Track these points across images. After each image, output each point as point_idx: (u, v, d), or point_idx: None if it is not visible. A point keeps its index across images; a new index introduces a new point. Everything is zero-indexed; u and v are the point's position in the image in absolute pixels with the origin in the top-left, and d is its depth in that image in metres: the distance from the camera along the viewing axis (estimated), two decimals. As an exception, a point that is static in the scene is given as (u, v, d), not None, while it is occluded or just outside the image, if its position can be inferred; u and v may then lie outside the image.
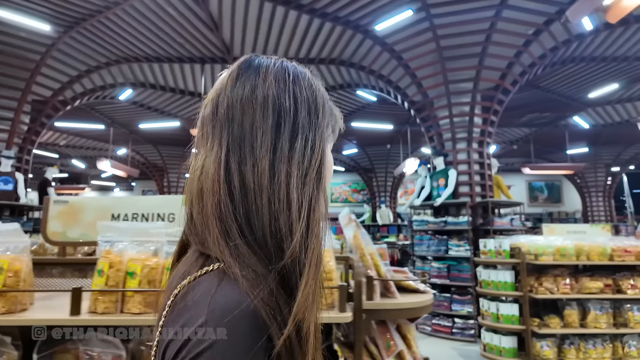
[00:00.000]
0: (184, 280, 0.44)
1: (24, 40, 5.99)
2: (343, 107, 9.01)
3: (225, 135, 0.49)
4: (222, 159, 0.47)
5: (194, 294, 0.42)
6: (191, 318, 0.40)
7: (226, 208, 0.46)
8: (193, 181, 0.49)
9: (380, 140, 11.81)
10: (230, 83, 0.53)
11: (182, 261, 0.50)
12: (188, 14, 5.57)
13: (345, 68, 7.11)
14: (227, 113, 0.50)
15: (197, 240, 0.48)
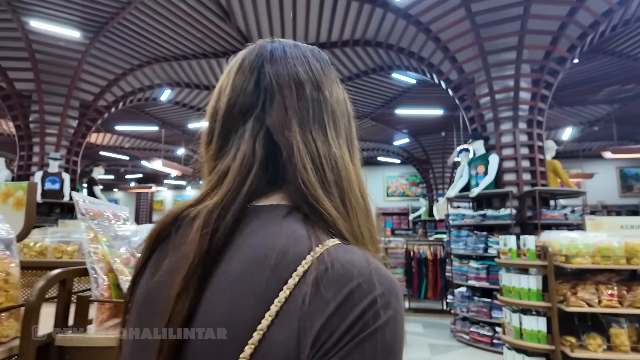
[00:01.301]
0: (314, 246, 0.41)
1: (63, 49, 6.41)
2: (381, 93, 8.39)
3: (339, 130, 0.53)
4: (343, 150, 0.53)
5: (348, 262, 0.40)
6: (358, 286, 0.38)
7: (365, 200, 0.53)
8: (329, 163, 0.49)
9: (434, 128, 10.86)
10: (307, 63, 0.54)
11: (265, 220, 0.46)
12: (197, 6, 5.48)
13: (373, 49, 6.52)
14: (347, 106, 0.58)
15: (325, 207, 0.46)
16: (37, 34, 6.04)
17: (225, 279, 0.42)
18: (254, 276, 0.40)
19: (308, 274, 0.39)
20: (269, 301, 0.38)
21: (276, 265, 0.40)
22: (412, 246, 7.23)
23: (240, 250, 0.43)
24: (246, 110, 0.51)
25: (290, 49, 0.55)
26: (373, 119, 9.95)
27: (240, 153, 0.49)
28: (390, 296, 0.39)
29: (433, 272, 6.94)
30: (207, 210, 0.45)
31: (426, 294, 6.91)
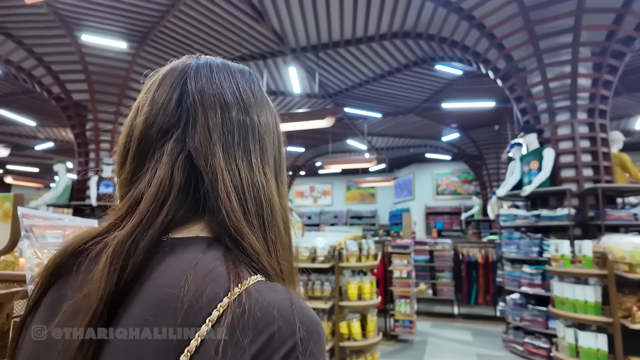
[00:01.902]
0: (233, 285, 0.38)
1: (112, 60, 6.77)
2: (424, 86, 8.00)
3: (266, 155, 0.51)
4: (262, 170, 0.49)
5: (268, 303, 0.37)
6: (279, 331, 0.36)
7: (286, 231, 0.50)
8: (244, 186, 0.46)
9: (486, 121, 10.21)
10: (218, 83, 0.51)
11: (181, 254, 0.41)
12: (231, 9, 5.51)
13: (413, 41, 6.21)
14: (273, 123, 0.54)
15: (249, 241, 0.43)
16: (89, 47, 6.42)
17: (129, 326, 0.37)
18: (162, 322, 0.36)
19: (223, 319, 0.36)
20: (179, 351, 0.35)
21: (188, 310, 0.36)
22: (461, 248, 6.81)
23: (148, 292, 0.39)
24: (165, 130, 0.47)
25: (218, 68, 0.52)
26: (418, 114, 9.55)
27: (156, 179, 0.44)
28: (311, 340, 0.37)
29: (484, 276, 6.49)
30: (116, 242, 0.40)
31: (477, 300, 6.48)
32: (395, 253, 5.49)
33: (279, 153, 0.54)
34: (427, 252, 6.84)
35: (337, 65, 7.09)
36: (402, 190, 15.49)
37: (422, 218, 14.06)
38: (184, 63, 0.53)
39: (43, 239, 0.85)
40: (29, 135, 12.03)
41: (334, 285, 3.78)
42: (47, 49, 6.51)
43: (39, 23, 5.87)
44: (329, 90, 8.24)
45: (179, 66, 0.53)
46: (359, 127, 10.59)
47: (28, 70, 6.83)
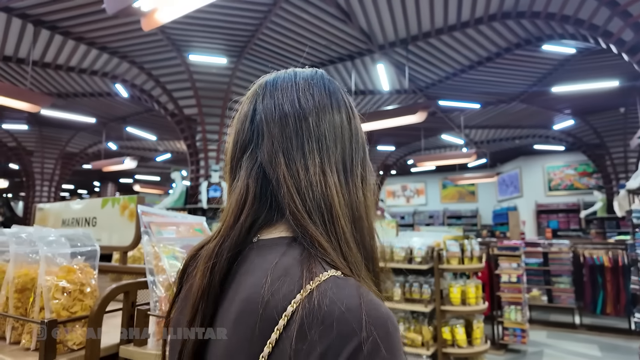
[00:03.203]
0: (305, 284, 0.41)
1: (215, 75, 7.42)
2: (530, 70, 7.23)
3: (327, 155, 0.52)
4: (339, 178, 0.51)
5: (336, 302, 0.39)
6: (346, 329, 0.38)
7: (361, 228, 0.51)
8: (313, 189, 0.49)
9: (608, 104, 8.87)
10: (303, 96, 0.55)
11: (267, 255, 0.47)
12: (319, 13, 5.63)
13: (514, 21, 5.66)
14: (352, 131, 0.55)
15: (316, 238, 0.46)
16: (195, 66, 7.13)
17: (226, 318, 0.44)
18: (249, 317, 0.41)
19: (296, 314, 0.39)
20: (263, 343, 0.39)
21: (267, 306, 0.40)
22: (582, 250, 6.00)
23: (239, 290, 0.44)
24: (245, 146, 0.53)
25: (283, 81, 0.56)
26: (523, 101, 8.67)
27: (236, 190, 0.51)
28: (383, 337, 0.38)
29: (613, 282, 5.62)
30: (209, 246, 0.49)
31: (604, 309, 5.63)
32: (502, 255, 5.04)
33: (350, 149, 0.54)
34: (541, 254, 6.15)
35: (428, 56, 6.79)
36: (507, 187, 14.23)
37: (532, 217, 12.74)
38: (259, 81, 0.59)
39: (159, 234, 0.94)
40: (151, 149, 13.81)
41: (434, 288, 3.59)
42: (162, 71, 7.38)
43: (155, 48, 6.68)
44: (420, 84, 7.93)
45: (255, 85, 0.58)
46: (455, 121, 10.00)
47: (148, 91, 7.82)
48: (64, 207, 1.62)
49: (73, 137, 11.77)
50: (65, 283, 0.81)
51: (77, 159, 12.85)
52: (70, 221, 1.55)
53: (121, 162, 10.06)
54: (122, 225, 1.39)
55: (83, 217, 1.52)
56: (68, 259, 0.88)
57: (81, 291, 0.85)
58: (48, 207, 1.69)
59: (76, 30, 6.01)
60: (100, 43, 6.47)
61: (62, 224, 1.58)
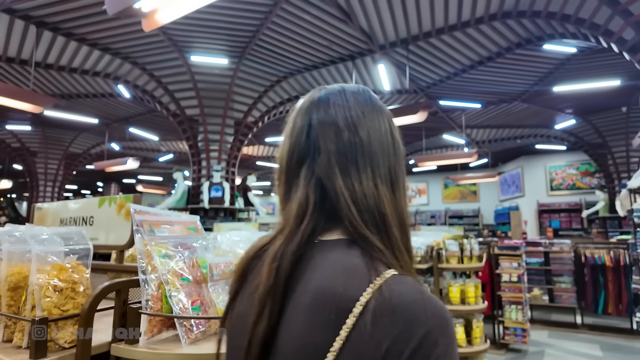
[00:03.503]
0: (372, 280, 0.47)
1: (216, 76, 7.45)
2: (531, 70, 7.21)
3: (378, 168, 0.58)
4: (389, 189, 0.58)
5: (403, 296, 0.46)
6: (415, 319, 0.44)
7: (405, 234, 0.57)
8: (369, 199, 0.56)
9: (610, 103, 8.83)
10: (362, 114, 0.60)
11: (330, 254, 0.53)
12: (320, 14, 5.64)
13: (515, 21, 5.64)
14: (395, 145, 0.61)
15: (383, 246, 0.53)
16: (197, 67, 7.16)
17: (298, 307, 0.49)
18: (323, 306, 0.47)
19: (369, 303, 0.45)
20: (338, 327, 0.45)
21: (342, 296, 0.46)
22: (584, 250, 5.98)
23: (308, 284, 0.50)
24: (302, 159, 0.59)
25: (334, 96, 0.61)
26: (525, 100, 8.65)
27: (296, 199, 0.57)
28: (444, 328, 0.45)
29: (614, 282, 5.61)
30: (274, 248, 0.54)
31: (605, 309, 5.61)
32: (503, 255, 5.03)
33: (393, 162, 0.60)
34: (542, 253, 6.14)
35: (429, 56, 6.78)
36: (509, 187, 14.20)
37: (533, 216, 12.70)
38: (311, 97, 0.63)
39: (151, 232, 0.95)
40: (154, 149, 13.86)
41: (434, 287, 3.59)
42: (164, 72, 7.41)
43: (157, 49, 6.71)
44: (421, 84, 7.92)
45: (308, 100, 0.63)
46: (456, 120, 9.99)
47: (150, 91, 7.86)
48: (62, 207, 1.63)
49: (76, 137, 11.83)
50: (57, 281, 0.82)
51: (80, 159, 12.91)
52: (68, 220, 1.57)
53: (124, 163, 10.12)
54: (119, 225, 1.40)
55: (80, 217, 1.53)
56: (61, 257, 0.89)
57: (73, 289, 0.86)
58: (46, 207, 1.71)
59: (79, 31, 6.04)
60: (103, 44, 6.51)
61: (60, 223, 1.60)
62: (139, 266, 0.89)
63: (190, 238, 1.05)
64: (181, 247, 1.00)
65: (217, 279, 0.99)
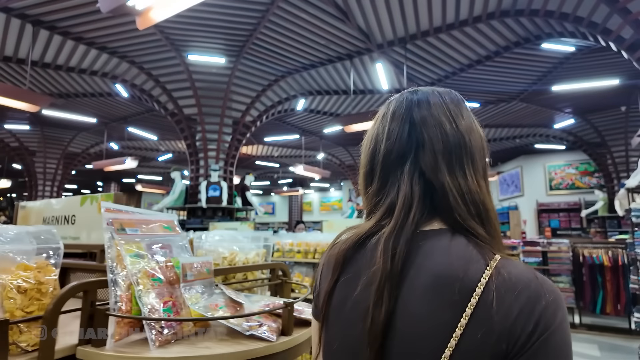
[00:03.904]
0: (487, 262, 0.53)
1: (214, 75, 7.43)
2: (530, 69, 7.18)
3: (477, 165, 0.64)
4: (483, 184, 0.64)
5: (520, 275, 0.52)
6: (534, 293, 0.50)
7: (496, 223, 0.62)
8: (473, 194, 0.61)
9: (609, 103, 8.79)
10: (455, 119, 0.64)
11: (436, 242, 0.58)
12: (317, 13, 5.61)
13: (513, 19, 5.61)
14: (482, 144, 0.66)
15: (486, 234, 0.59)
16: (194, 66, 7.14)
17: (416, 290, 0.53)
18: (444, 287, 0.52)
19: (490, 283, 0.50)
20: (463, 305, 0.50)
21: (463, 278, 0.51)
22: (582, 249, 5.95)
23: (422, 268, 0.55)
24: (403, 155, 0.63)
25: (434, 97, 0.66)
26: (523, 100, 8.63)
27: (401, 192, 0.61)
28: (559, 301, 0.50)
29: (613, 281, 5.57)
30: (385, 238, 0.58)
31: (603, 309, 5.58)
32: (499, 254, 4.99)
33: (485, 161, 0.66)
34: (540, 253, 6.11)
35: (427, 55, 6.76)
36: (508, 186, 14.16)
37: (533, 216, 12.66)
38: (408, 98, 0.67)
39: (122, 231, 0.92)
40: (153, 149, 13.85)
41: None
42: (162, 71, 7.40)
43: (154, 48, 6.69)
44: (420, 84, 7.89)
45: (404, 102, 0.67)
46: (455, 120, 9.95)
47: (148, 91, 7.84)
48: (45, 205, 1.61)
49: (75, 137, 11.82)
50: (21, 282, 0.80)
51: (79, 158, 12.90)
52: (51, 219, 1.55)
53: (122, 162, 10.11)
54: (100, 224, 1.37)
55: (63, 215, 1.51)
56: (29, 256, 0.87)
57: (39, 290, 0.84)
58: (30, 205, 1.69)
59: (75, 30, 6.03)
60: (100, 43, 6.49)
61: (43, 222, 1.58)
62: (107, 266, 0.87)
63: (165, 237, 1.03)
64: (155, 247, 0.98)
65: (191, 280, 0.97)
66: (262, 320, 0.90)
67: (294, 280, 1.42)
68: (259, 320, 0.90)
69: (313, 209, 22.20)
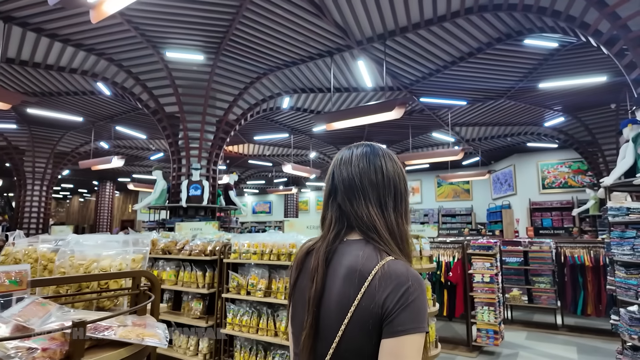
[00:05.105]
0: (379, 261, 0.83)
1: (195, 72, 7.34)
2: (514, 66, 7.06)
3: (389, 197, 0.95)
4: (391, 212, 0.95)
5: (396, 269, 0.82)
6: (401, 281, 0.80)
7: (394, 234, 0.92)
8: (377, 218, 0.92)
9: (598, 100, 8.66)
10: (384, 162, 0.97)
11: (352, 247, 0.90)
12: (291, 8, 5.50)
13: (492, 14, 5.50)
14: (384, 182, 0.95)
15: (381, 242, 0.89)
16: (173, 63, 7.05)
17: (336, 277, 0.86)
18: (351, 276, 0.84)
19: (377, 274, 0.81)
20: (360, 286, 0.81)
21: (361, 270, 0.83)
22: (564, 249, 5.84)
23: (341, 264, 0.88)
24: (329, 194, 0.98)
25: (356, 156, 0.98)
26: (512, 97, 8.50)
27: (328, 217, 0.97)
28: (417, 284, 0.81)
29: (594, 282, 5.47)
30: (322, 247, 0.92)
31: (584, 310, 5.47)
32: (475, 255, 4.90)
33: (390, 193, 0.95)
34: (521, 253, 6.00)
35: (408, 52, 6.64)
36: (501, 185, 14.03)
37: (525, 215, 12.53)
38: (340, 153, 1.01)
39: None
40: (144, 148, 13.77)
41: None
42: (141, 68, 7.31)
43: (131, 45, 6.60)
44: (404, 81, 7.79)
45: (339, 155, 1.01)
46: (443, 118, 9.85)
47: (129, 89, 7.75)
48: None
49: (64, 136, 11.75)
50: None
51: (69, 157, 12.83)
52: None
53: (109, 161, 10.02)
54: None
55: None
56: None
57: None
58: None
59: (48, 26, 5.94)
60: (75, 40, 6.40)
61: None
62: None
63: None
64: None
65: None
66: (48, 343, 0.78)
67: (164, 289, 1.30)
68: (34, 344, 0.77)
69: (310, 208, 22.10)
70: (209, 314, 3.90)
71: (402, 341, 0.74)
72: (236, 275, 3.48)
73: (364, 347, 0.78)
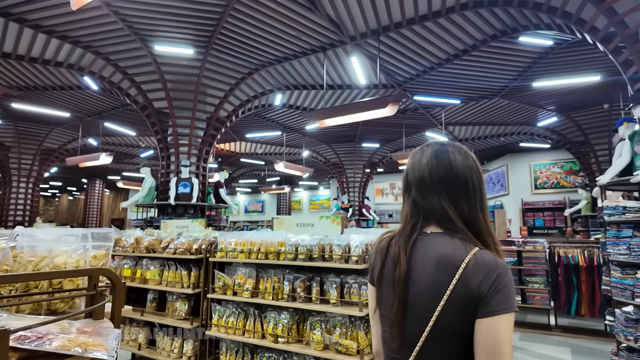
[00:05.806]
0: (469, 252, 0.94)
1: (184, 67, 7.16)
2: (509, 64, 7.00)
3: (460, 190, 1.04)
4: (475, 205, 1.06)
5: (487, 258, 0.93)
6: (492, 268, 0.91)
7: (469, 224, 1.02)
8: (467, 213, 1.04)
9: (591, 100, 8.64)
10: (453, 157, 1.06)
11: (438, 240, 1.00)
12: (283, 0, 5.37)
13: (487, 10, 5.41)
14: (453, 176, 1.04)
15: (460, 232, 0.99)
16: (162, 57, 6.87)
17: (425, 265, 0.97)
18: (442, 264, 0.94)
19: (469, 262, 0.91)
20: (453, 274, 0.91)
21: (452, 259, 0.93)
22: (558, 249, 5.77)
23: (429, 253, 0.98)
24: (405, 191, 1.11)
25: (426, 154, 1.08)
26: (505, 96, 8.45)
27: (405, 211, 1.09)
28: (505, 272, 0.91)
29: (588, 282, 5.41)
30: (400, 237, 1.05)
31: (578, 310, 5.41)
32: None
33: (467, 187, 1.03)
34: (515, 253, 5.92)
35: (402, 48, 6.54)
36: (494, 185, 14.02)
37: (518, 215, 12.52)
38: (413, 152, 1.12)
39: None
40: (133, 145, 13.53)
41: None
42: (129, 62, 7.12)
43: (118, 38, 6.42)
44: (398, 79, 7.69)
45: (412, 154, 1.12)
46: (437, 117, 9.77)
47: (117, 83, 7.55)
48: None
49: (50, 132, 11.48)
50: None
51: (56, 154, 12.55)
52: None
53: (97, 158, 9.79)
54: None
55: None
56: None
57: None
58: None
59: (31, 17, 5.74)
60: (60, 32, 6.20)
61: None
62: None
63: None
64: None
65: None
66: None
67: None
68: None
69: (302, 207, 21.96)
70: (194, 315, 3.75)
71: (497, 320, 0.86)
72: (222, 274, 3.34)
73: (458, 325, 0.90)
